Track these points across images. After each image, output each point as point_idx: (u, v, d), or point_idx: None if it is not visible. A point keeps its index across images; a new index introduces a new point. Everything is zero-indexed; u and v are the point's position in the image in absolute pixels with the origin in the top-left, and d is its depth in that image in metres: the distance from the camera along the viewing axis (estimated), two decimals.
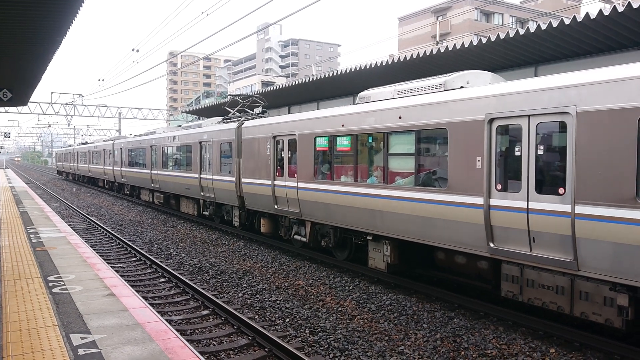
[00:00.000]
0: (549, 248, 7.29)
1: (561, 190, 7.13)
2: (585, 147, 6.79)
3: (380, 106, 10.31)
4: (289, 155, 13.37)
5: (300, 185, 12.68)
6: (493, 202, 8.02)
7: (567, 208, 7.01)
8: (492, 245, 8.08)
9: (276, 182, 13.83)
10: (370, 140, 10.77)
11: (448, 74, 9.67)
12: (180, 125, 24.83)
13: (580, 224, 6.82)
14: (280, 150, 13.78)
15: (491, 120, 8.03)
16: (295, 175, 12.92)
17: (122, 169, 30.89)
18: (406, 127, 9.61)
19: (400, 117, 9.71)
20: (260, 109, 17.73)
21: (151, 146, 25.09)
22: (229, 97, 21.96)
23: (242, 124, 16.10)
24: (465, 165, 8.44)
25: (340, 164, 11.65)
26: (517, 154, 7.72)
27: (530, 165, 7.53)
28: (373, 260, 10.90)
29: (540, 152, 7.46)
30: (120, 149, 31.13)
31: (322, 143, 12.01)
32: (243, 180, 15.63)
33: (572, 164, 6.94)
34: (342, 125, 11.23)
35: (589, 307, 6.97)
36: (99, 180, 40.74)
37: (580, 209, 6.83)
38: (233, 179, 16.25)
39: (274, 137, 13.95)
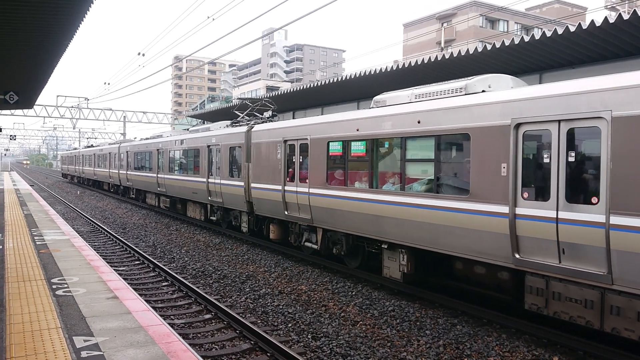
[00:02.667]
0: (581, 260, 6.90)
1: (594, 200, 6.77)
2: (621, 154, 6.43)
3: (397, 110, 9.99)
4: (301, 160, 13.05)
5: (312, 191, 12.35)
6: (519, 211, 7.63)
7: (601, 218, 6.64)
8: (517, 256, 7.67)
9: (287, 188, 13.51)
10: (386, 146, 10.44)
11: (468, 78, 9.35)
12: (187, 129, 24.87)
13: (616, 235, 6.45)
14: (291, 155, 13.44)
15: (518, 126, 7.68)
16: (307, 180, 12.59)
17: (127, 172, 30.72)
18: (425, 132, 9.26)
19: (419, 122, 9.35)
20: (270, 112, 17.45)
21: (158, 150, 24.82)
22: (238, 100, 21.77)
23: (252, 127, 15.81)
24: (489, 172, 8.06)
25: (354, 170, 11.31)
26: (546, 160, 7.36)
27: (560, 173, 7.16)
28: (388, 270, 10.52)
29: (572, 159, 7.07)
30: (127, 152, 30.91)
31: (336, 148, 11.67)
32: (252, 185, 15.33)
33: (606, 171, 6.58)
34: (357, 130, 10.89)
35: (621, 322, 6.59)
36: (104, 184, 40.59)
37: (615, 220, 6.46)
38: (242, 183, 15.94)
39: (285, 141, 13.63)
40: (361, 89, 18.96)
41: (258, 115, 18.38)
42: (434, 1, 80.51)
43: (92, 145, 50.43)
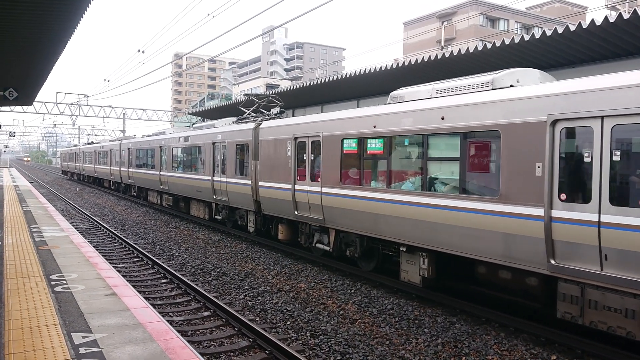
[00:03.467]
0: (626, 267, 6.38)
1: None
2: None
3: (419, 106, 9.43)
4: (312, 158, 12.53)
5: (325, 190, 11.84)
6: (555, 213, 7.11)
7: None
8: (552, 262, 7.15)
9: (297, 187, 13.00)
10: (406, 143, 9.88)
11: (495, 72, 8.85)
12: (189, 126, 24.62)
13: None
14: (302, 153, 12.90)
15: (555, 122, 7.15)
16: (319, 179, 12.10)
17: (129, 169, 30.16)
18: (450, 129, 8.72)
19: (443, 118, 8.82)
20: (277, 109, 16.73)
21: (160, 147, 24.37)
22: (244, 96, 21.00)
23: (260, 124, 15.25)
24: (522, 172, 7.52)
25: (370, 169, 10.80)
26: (587, 160, 6.84)
27: (603, 173, 6.63)
28: (406, 274, 10.01)
29: (617, 158, 6.55)
30: (128, 149, 30.39)
31: (351, 145, 11.14)
32: (260, 183, 14.80)
33: None
34: (374, 127, 10.35)
35: None
36: (105, 181, 40.05)
37: None
38: (249, 182, 15.43)
39: (296, 138, 13.11)
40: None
41: (264, 112, 17.81)
42: (435, 0, 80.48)
43: (92, 142, 49.80)
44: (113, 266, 10.03)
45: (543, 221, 7.23)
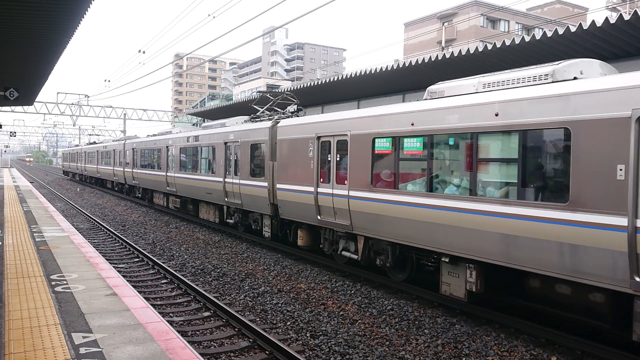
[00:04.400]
0: None
1: None
2: None
3: (466, 101, 8.53)
4: (338, 159, 11.62)
5: (353, 193, 10.94)
6: None
7: None
8: (638, 279, 6.27)
9: (320, 190, 12.12)
10: (451, 143, 8.96)
11: (554, 63, 8.00)
12: (194, 124, 24.24)
13: None
14: (326, 153, 12.01)
15: None
16: (346, 182, 11.19)
17: (133, 170, 29.25)
18: (506, 127, 7.80)
19: (497, 115, 7.90)
20: (294, 107, 15.72)
21: (167, 146, 23.35)
22: (257, 93, 19.75)
23: (278, 122, 14.38)
24: (598, 175, 6.62)
25: (407, 171, 9.91)
26: None
27: None
28: (448, 287, 9.09)
29: None
30: (132, 149, 29.41)
31: (384, 145, 10.23)
32: (278, 186, 13.89)
33: None
34: (412, 124, 9.43)
35: None
36: (107, 182, 39.15)
37: None
38: (265, 184, 14.51)
39: (319, 137, 12.20)
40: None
41: (278, 110, 16.78)
42: (435, 0, 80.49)
43: (95, 142, 48.95)
44: (113, 266, 10.05)
45: (626, 232, 6.31)
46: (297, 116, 15.06)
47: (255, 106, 18.35)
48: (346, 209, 11.19)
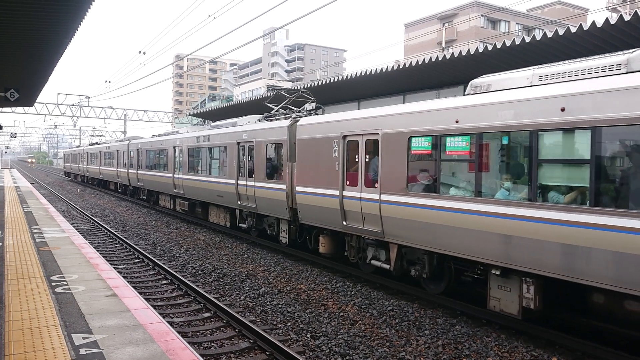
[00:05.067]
0: None
1: None
2: None
3: (522, 95, 7.69)
4: (367, 160, 10.76)
5: (385, 198, 10.07)
6: None
7: None
8: None
9: (346, 193, 11.24)
10: (504, 142, 8.11)
11: (629, 51, 7.12)
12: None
13: None
14: (353, 154, 11.18)
15: None
16: (377, 185, 10.32)
17: (138, 171, 28.33)
18: (574, 123, 6.92)
19: (563, 110, 7.02)
20: (313, 104, 14.63)
21: (174, 147, 22.36)
22: (271, 91, 18.50)
23: (297, 121, 13.43)
24: None
25: (451, 173, 9.14)
26: None
27: None
28: (497, 302, 8.23)
29: None
30: (137, 149, 28.42)
31: (422, 145, 9.37)
32: (297, 189, 13.00)
33: None
34: (457, 122, 8.55)
35: None
36: (110, 183, 38.02)
37: None
38: (283, 187, 13.63)
39: (344, 137, 11.33)
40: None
41: (293, 108, 15.82)
42: (435, 1, 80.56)
43: (97, 143, 48.02)
44: (114, 267, 10.05)
45: None
46: (316, 114, 14.05)
47: (268, 104, 17.32)
48: (377, 215, 10.32)
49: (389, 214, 10.03)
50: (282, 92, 17.11)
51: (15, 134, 65.58)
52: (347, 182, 11.32)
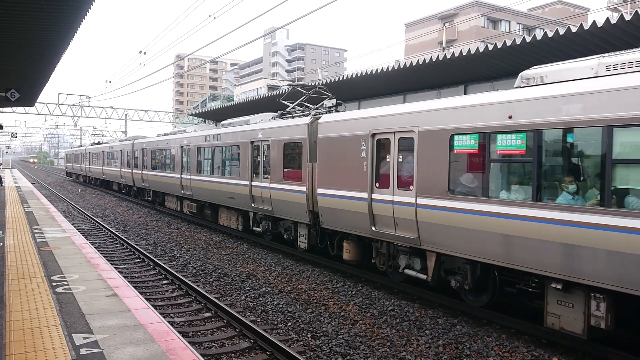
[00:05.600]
0: None
1: None
2: None
3: (593, 86, 6.84)
4: (400, 160, 9.97)
5: (422, 201, 9.25)
6: None
7: None
8: None
9: (376, 196, 10.39)
10: (570, 139, 7.26)
11: None
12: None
13: None
14: (384, 153, 10.39)
15: None
16: (412, 187, 9.51)
17: (143, 172, 27.45)
18: None
19: None
20: (333, 101, 13.75)
21: (182, 146, 21.45)
22: (287, 87, 17.45)
23: (318, 118, 12.66)
24: None
25: (502, 174, 8.26)
26: None
27: None
28: (556, 319, 7.41)
29: None
30: (142, 149, 27.56)
31: (466, 143, 8.50)
32: (319, 191, 12.19)
33: None
34: (510, 117, 7.72)
35: None
36: (113, 184, 37.22)
37: None
38: (303, 188, 12.81)
39: (373, 135, 10.50)
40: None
41: (309, 105, 15.04)
42: (436, 1, 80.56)
43: (99, 142, 47.26)
44: (114, 267, 10.05)
45: None
46: (337, 111, 13.20)
47: (283, 101, 16.38)
48: (412, 220, 9.48)
49: (427, 219, 9.17)
50: (299, 89, 16.26)
51: (16, 134, 65.58)
52: (377, 184, 10.48)
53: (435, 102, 9.42)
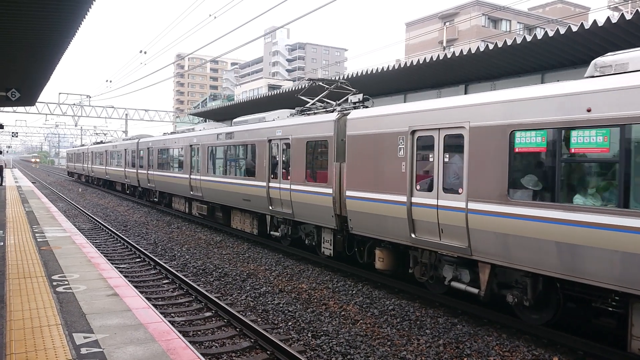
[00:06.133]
0: None
1: None
2: None
3: None
4: (446, 160, 8.98)
5: (474, 206, 8.22)
6: None
7: None
8: None
9: (416, 200, 9.44)
10: None
11: None
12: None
13: None
14: (426, 152, 9.43)
15: None
16: (461, 190, 8.52)
17: (149, 172, 26.47)
18: None
19: None
20: (360, 96, 12.78)
21: (192, 145, 20.54)
22: (306, 82, 16.58)
23: (346, 114, 11.74)
24: None
25: (578, 176, 7.28)
26: None
27: None
28: None
29: None
30: (148, 148, 26.63)
31: (531, 141, 7.47)
32: (348, 193, 11.25)
33: None
34: (588, 110, 6.82)
35: None
36: (117, 184, 36.24)
37: None
38: (329, 190, 11.82)
39: (413, 132, 9.56)
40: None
41: (330, 101, 14.23)
42: (437, 0, 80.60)
43: (102, 142, 46.48)
44: (115, 267, 10.05)
45: None
46: (365, 107, 12.33)
47: (302, 97, 15.51)
48: (461, 227, 8.48)
49: (481, 226, 8.16)
50: (321, 83, 15.30)
51: (17, 133, 65.65)
52: (417, 187, 9.50)
53: (490, 95, 8.33)
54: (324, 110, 13.45)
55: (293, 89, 19.84)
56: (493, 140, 7.98)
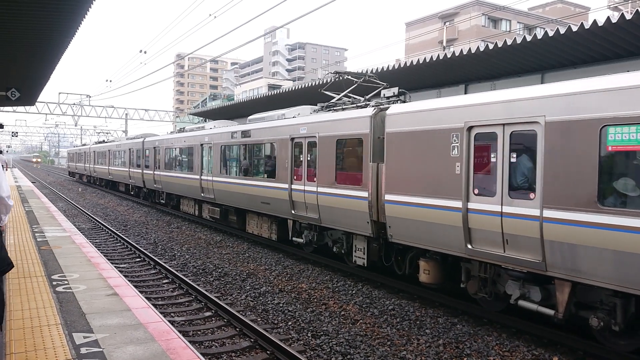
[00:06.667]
0: None
1: None
2: None
3: None
4: (512, 160, 7.85)
5: (551, 214, 7.09)
6: None
7: None
8: None
9: (474, 205, 8.32)
10: None
11: None
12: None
13: None
14: (483, 152, 8.35)
15: None
16: (532, 195, 7.43)
17: (155, 172, 25.41)
18: None
19: None
20: (395, 90, 11.60)
21: (202, 144, 19.41)
22: (332, 75, 15.38)
23: (385, 109, 10.56)
24: None
25: None
26: None
27: None
28: None
29: None
30: (154, 148, 25.59)
31: (628, 137, 6.33)
32: (387, 197, 10.12)
33: None
34: None
35: None
36: (120, 185, 35.23)
37: None
38: (364, 194, 10.72)
39: (470, 128, 8.42)
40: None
41: (356, 97, 13.12)
42: (437, 0, 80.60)
43: (104, 141, 45.27)
44: (115, 266, 10.05)
45: None
46: (403, 101, 11.25)
47: (326, 92, 14.32)
48: (534, 238, 7.37)
49: (561, 238, 7.03)
50: (349, 77, 14.07)
51: (17, 133, 65.65)
52: (475, 191, 8.38)
53: (574, 84, 7.09)
54: (354, 105, 12.28)
55: (317, 83, 18.45)
56: (578, 137, 6.83)
